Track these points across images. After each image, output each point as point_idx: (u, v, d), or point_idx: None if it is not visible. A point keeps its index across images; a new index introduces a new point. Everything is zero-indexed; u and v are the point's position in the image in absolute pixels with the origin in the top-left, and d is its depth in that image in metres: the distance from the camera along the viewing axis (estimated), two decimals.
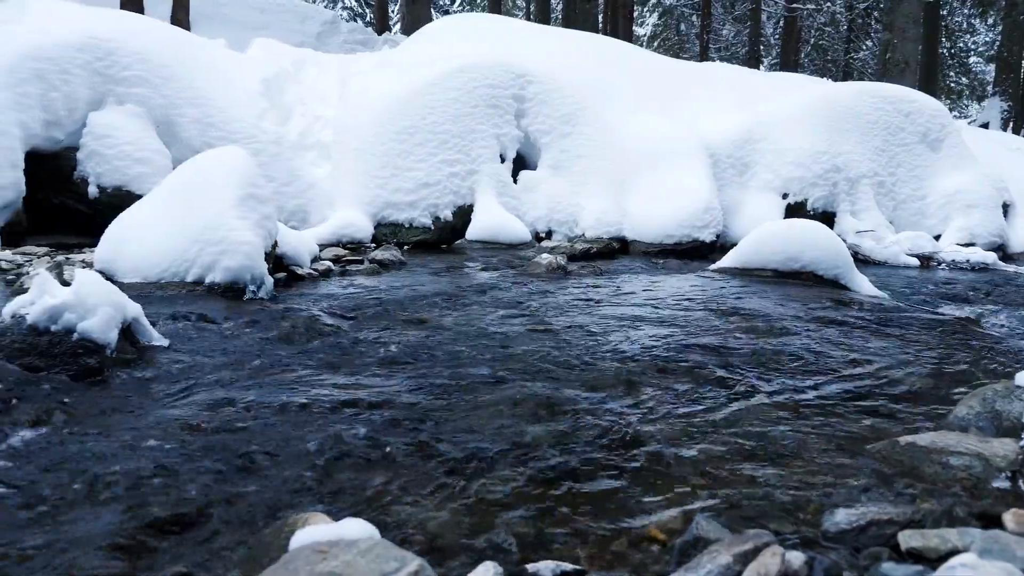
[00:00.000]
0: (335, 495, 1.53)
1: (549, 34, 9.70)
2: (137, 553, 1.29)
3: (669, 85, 8.68)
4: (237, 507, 1.49)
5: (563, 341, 2.93)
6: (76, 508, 1.49)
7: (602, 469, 1.74)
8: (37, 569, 1.23)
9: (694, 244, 6.53)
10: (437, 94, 7.16)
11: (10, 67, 5.99)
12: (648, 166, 7.05)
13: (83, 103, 6.31)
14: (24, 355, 2.40)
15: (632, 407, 2.18)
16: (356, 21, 28.16)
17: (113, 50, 6.53)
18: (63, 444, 1.81)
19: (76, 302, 2.49)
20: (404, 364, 2.57)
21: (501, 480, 1.62)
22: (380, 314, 3.43)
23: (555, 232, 6.97)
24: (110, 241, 4.01)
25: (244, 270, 3.74)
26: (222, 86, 7.20)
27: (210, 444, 1.82)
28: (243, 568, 1.22)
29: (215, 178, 4.01)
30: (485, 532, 1.39)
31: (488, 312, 3.49)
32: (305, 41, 15.51)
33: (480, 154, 6.98)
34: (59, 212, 6.34)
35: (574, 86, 7.72)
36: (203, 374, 2.42)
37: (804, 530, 1.42)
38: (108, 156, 6.16)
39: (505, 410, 2.07)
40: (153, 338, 2.73)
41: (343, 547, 0.98)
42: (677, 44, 29.67)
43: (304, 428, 1.92)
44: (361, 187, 6.76)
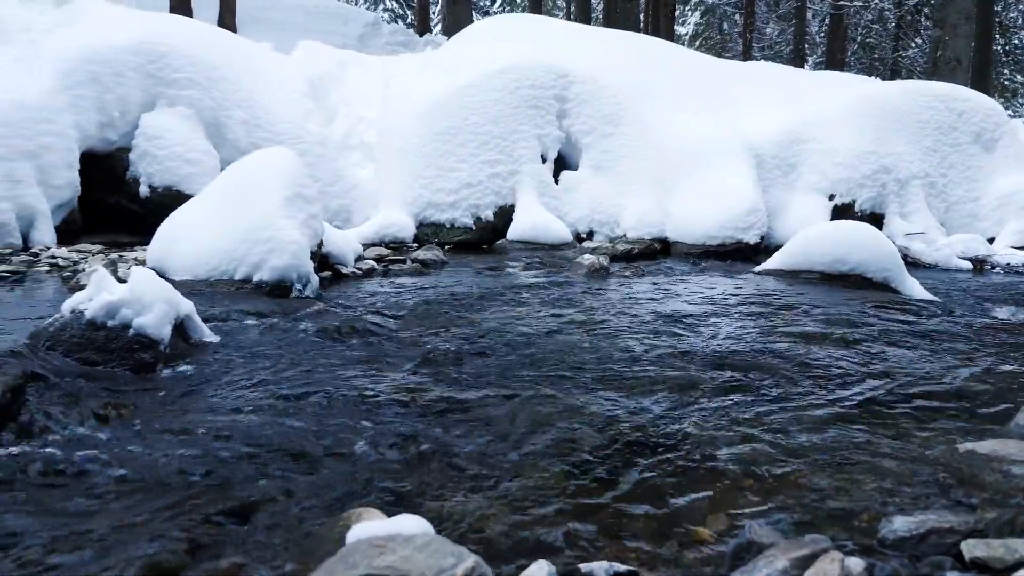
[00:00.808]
0: (385, 491, 1.55)
1: (590, 34, 9.67)
2: (195, 544, 1.32)
3: (712, 84, 8.58)
4: (290, 501, 1.51)
5: (608, 342, 2.92)
6: (135, 499, 1.53)
7: (650, 470, 1.73)
8: (99, 558, 1.27)
9: (737, 245, 6.44)
10: (479, 95, 7.20)
11: (67, 70, 6.18)
12: (691, 166, 6.98)
13: (136, 105, 6.49)
14: (83, 350, 2.47)
15: (679, 409, 2.16)
16: (397, 23, 28.41)
17: (165, 53, 6.70)
18: (121, 437, 1.86)
19: (132, 299, 2.56)
20: (449, 363, 2.58)
21: (549, 479, 1.61)
22: (424, 313, 3.46)
23: (596, 233, 6.95)
24: (162, 240, 4.11)
25: (291, 269, 3.80)
26: (269, 88, 7.34)
27: (263, 439, 1.85)
28: (298, 561, 1.24)
29: (263, 178, 4.08)
30: (534, 530, 1.39)
31: (531, 312, 3.49)
32: (347, 43, 15.70)
33: (522, 154, 6.99)
34: (112, 211, 6.53)
35: (616, 86, 7.69)
36: (253, 370, 2.47)
37: (860, 537, 1.40)
38: (159, 157, 6.33)
39: (551, 410, 2.07)
40: (205, 334, 2.79)
41: (400, 542, 0.99)
42: (719, 43, 29.32)
43: (354, 424, 1.95)
44: (404, 187, 6.83)
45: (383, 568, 0.92)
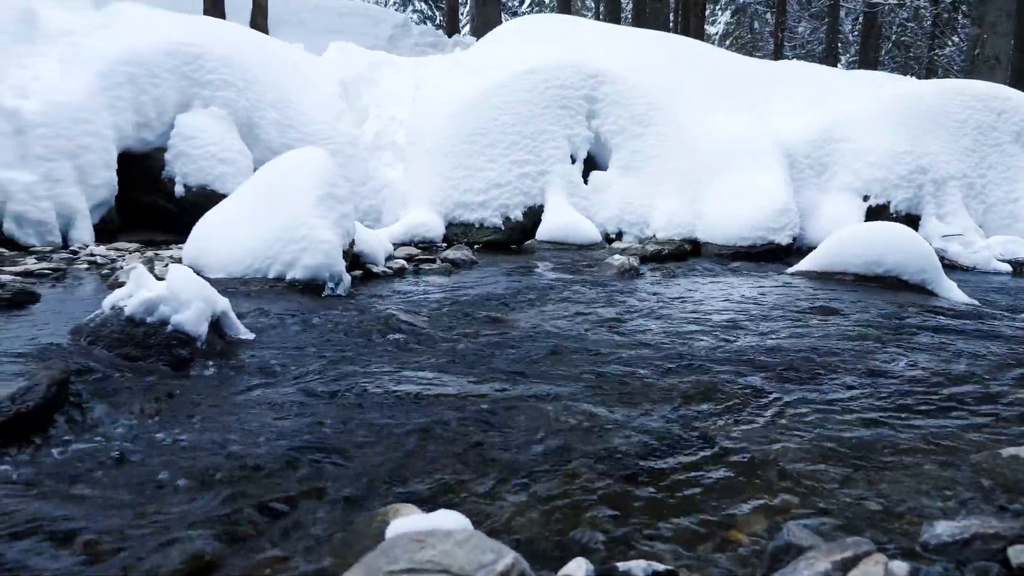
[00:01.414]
0: (420, 487, 1.56)
1: (620, 34, 9.63)
2: (234, 536, 1.34)
3: (743, 84, 8.50)
4: (326, 495, 1.53)
5: (639, 342, 2.90)
6: (177, 491, 1.55)
7: (684, 470, 1.72)
8: (142, 548, 1.29)
9: (769, 247, 6.37)
10: (508, 95, 7.21)
11: (105, 72, 6.30)
12: (722, 167, 6.92)
13: (171, 106, 6.59)
14: (122, 345, 2.52)
15: (713, 410, 2.14)
16: (426, 24, 28.54)
17: (200, 55, 6.80)
18: (162, 431, 1.90)
19: (170, 296, 2.60)
20: (480, 362, 2.59)
21: (582, 478, 1.61)
22: (455, 312, 3.47)
23: (625, 233, 6.92)
24: (197, 238, 4.17)
25: (323, 268, 3.84)
26: (301, 89, 7.42)
27: (299, 434, 1.87)
28: (336, 555, 1.25)
29: (296, 178, 4.13)
30: (570, 528, 1.39)
31: (562, 312, 3.49)
32: (377, 44, 15.81)
33: (551, 155, 6.98)
34: (148, 210, 6.63)
35: (646, 86, 7.65)
36: (288, 367, 2.50)
37: (901, 541, 1.38)
38: (194, 156, 6.42)
39: (583, 409, 2.07)
40: (240, 332, 2.82)
41: (439, 537, 1.00)
42: (750, 42, 29.04)
43: (387, 421, 1.96)
44: (433, 187, 6.86)
45: (424, 563, 0.92)
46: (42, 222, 5.51)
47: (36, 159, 5.62)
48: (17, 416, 1.83)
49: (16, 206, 5.42)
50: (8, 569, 1.24)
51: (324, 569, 1.21)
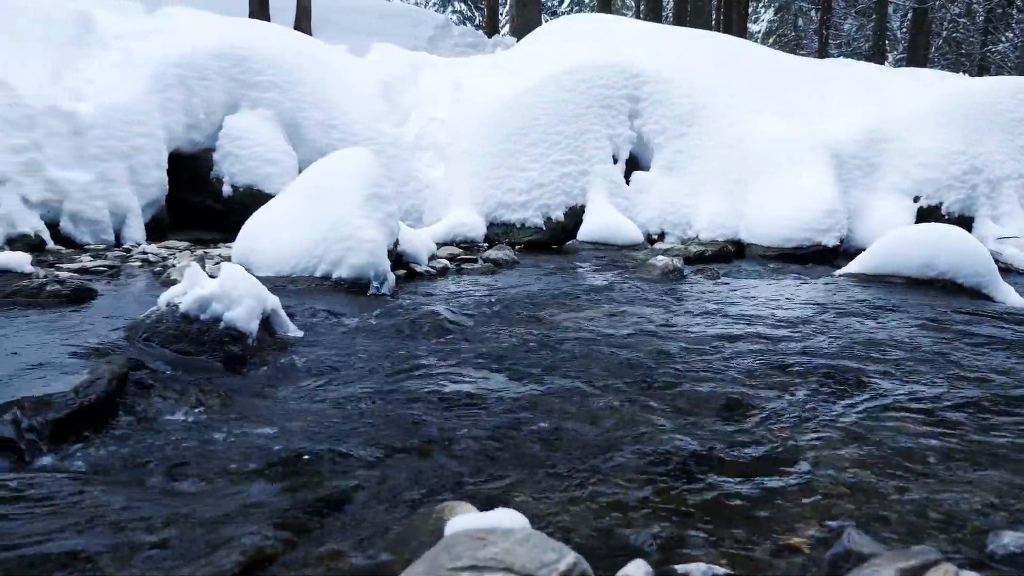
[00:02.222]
0: (472, 485, 1.57)
1: (662, 32, 9.55)
2: (293, 529, 1.36)
3: (789, 83, 8.36)
4: (380, 492, 1.55)
5: (686, 344, 2.88)
6: (235, 484, 1.58)
7: (735, 474, 1.70)
8: (204, 540, 1.32)
9: (815, 248, 6.26)
10: (550, 95, 7.20)
11: (157, 74, 6.46)
12: (766, 167, 6.82)
13: (220, 107, 6.73)
14: (177, 341, 2.58)
15: (764, 414, 2.11)
16: (465, 24, 28.66)
17: (247, 57, 6.93)
18: (218, 425, 1.94)
19: (223, 293, 2.65)
20: (527, 362, 2.59)
21: (635, 480, 1.60)
22: (499, 312, 3.48)
23: (668, 234, 6.87)
24: (246, 238, 4.25)
25: (368, 267, 3.88)
26: (344, 90, 7.51)
27: (350, 431, 1.90)
28: (393, 550, 1.27)
29: (342, 178, 4.18)
30: (623, 530, 1.38)
31: (607, 313, 3.47)
32: (418, 45, 15.93)
33: (593, 155, 6.96)
34: (196, 209, 6.78)
35: (689, 85, 7.57)
36: (337, 365, 2.53)
37: (966, 550, 1.34)
38: (241, 157, 6.55)
39: (634, 412, 2.05)
40: (289, 329, 2.87)
41: (500, 535, 1.00)
42: (794, 40, 28.57)
43: (437, 420, 1.97)
44: (474, 187, 6.88)
45: (487, 560, 0.93)
46: (96, 221, 5.67)
47: (91, 159, 5.79)
48: (80, 409, 1.89)
49: (72, 205, 5.59)
50: (75, 556, 1.27)
51: (381, 564, 1.22)
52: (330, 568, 1.21)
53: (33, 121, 5.58)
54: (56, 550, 1.28)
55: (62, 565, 1.24)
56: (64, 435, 1.83)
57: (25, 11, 6.55)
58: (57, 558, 1.26)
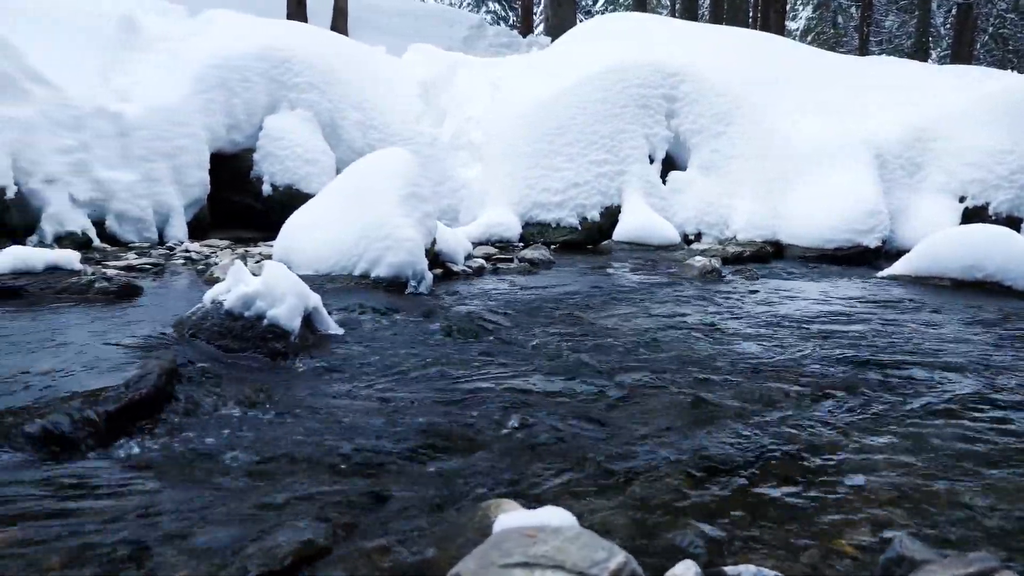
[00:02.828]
0: (517, 484, 1.57)
1: (698, 31, 9.47)
2: (339, 524, 1.38)
3: (828, 81, 8.23)
4: (425, 488, 1.56)
5: (728, 345, 2.85)
6: (282, 478, 1.61)
7: (783, 478, 1.68)
8: (255, 533, 1.34)
9: (856, 249, 6.15)
10: (586, 94, 7.18)
11: (199, 76, 6.58)
12: (806, 166, 6.72)
13: (260, 108, 6.84)
14: (221, 337, 2.63)
15: (808, 416, 2.08)
16: (499, 24, 28.72)
17: (287, 59, 7.03)
18: (263, 420, 1.97)
19: (266, 291, 2.69)
20: (566, 361, 2.59)
21: (679, 480, 1.59)
22: (537, 312, 3.48)
23: (704, 234, 6.81)
24: (286, 236, 4.31)
25: (406, 266, 3.91)
26: (382, 90, 7.58)
27: (393, 428, 1.91)
28: (439, 546, 1.28)
29: (381, 178, 4.22)
30: (669, 530, 1.37)
31: (645, 313, 3.45)
32: (453, 46, 16.00)
33: (629, 154, 6.93)
34: (236, 208, 6.90)
35: (726, 84, 7.50)
36: (377, 362, 2.55)
37: (1021, 559, 1.31)
38: (281, 157, 6.65)
39: (676, 412, 2.04)
40: (330, 327, 2.90)
41: (550, 533, 1.00)
42: (833, 38, 28.09)
43: (480, 418, 1.98)
44: (510, 187, 6.90)
45: (538, 557, 0.93)
46: (141, 219, 5.80)
47: (136, 160, 5.92)
48: (131, 403, 1.93)
49: (118, 204, 5.72)
50: (130, 544, 1.30)
51: (428, 560, 1.23)
52: (378, 563, 1.22)
53: (81, 122, 5.72)
54: (111, 539, 1.32)
55: (117, 553, 1.27)
56: (116, 428, 1.87)
57: (73, 14, 6.73)
58: (112, 546, 1.29)
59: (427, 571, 1.20)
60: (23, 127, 5.27)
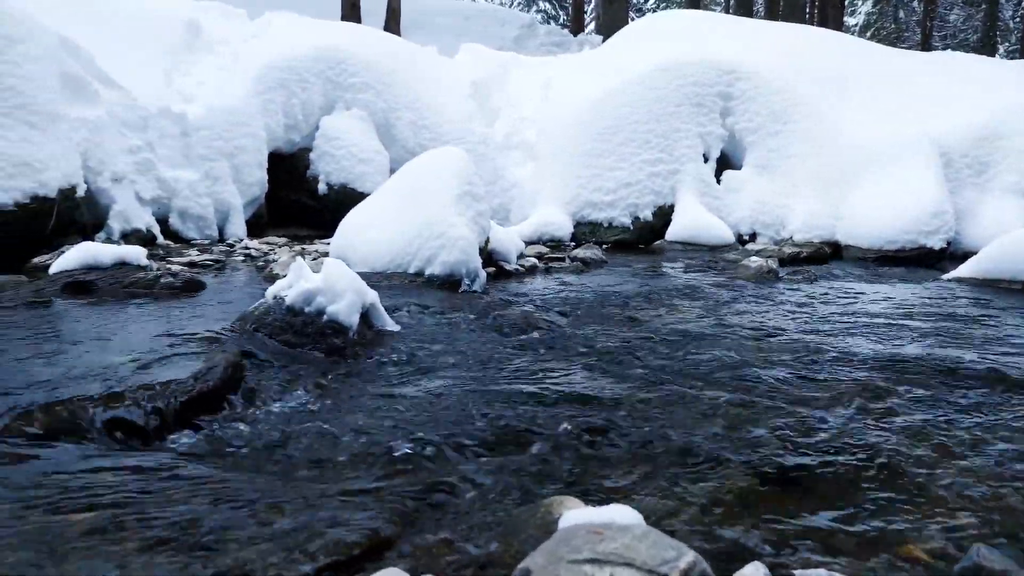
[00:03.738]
0: (577, 482, 1.57)
1: (754, 28, 9.30)
2: (402, 517, 1.39)
3: (890, 77, 8.00)
4: (485, 483, 1.57)
5: (787, 346, 2.79)
6: (345, 471, 1.64)
7: (850, 481, 1.64)
8: (321, 523, 1.37)
9: (919, 251, 5.96)
10: (640, 93, 7.13)
11: (258, 77, 6.75)
12: (866, 165, 6.55)
13: (317, 108, 6.98)
14: (282, 332, 2.68)
15: (872, 421, 2.03)
16: (550, 23, 28.68)
17: (343, 59, 7.15)
18: (324, 413, 2.01)
19: (326, 287, 2.74)
20: (623, 361, 2.57)
21: (743, 481, 1.57)
22: (591, 311, 3.47)
23: (760, 235, 6.69)
24: (343, 234, 4.38)
25: (460, 264, 3.94)
26: (434, 90, 7.65)
27: (451, 423, 1.93)
28: (502, 541, 1.28)
29: (435, 177, 4.26)
30: (734, 531, 1.35)
31: (701, 314, 3.41)
32: (504, 45, 16.06)
33: (683, 154, 6.85)
34: (292, 206, 7.05)
35: (784, 82, 7.35)
36: (434, 359, 2.58)
37: None
38: (336, 156, 6.77)
39: (735, 412, 2.01)
40: (387, 323, 2.94)
41: (617, 530, 1.00)
42: (894, 33, 27.29)
43: (537, 416, 1.98)
44: (562, 186, 6.89)
45: (607, 554, 0.93)
46: (202, 217, 5.97)
47: (199, 159, 6.10)
48: (199, 394, 1.99)
49: (181, 202, 5.90)
50: (200, 531, 1.34)
51: (492, 554, 1.24)
52: (442, 556, 1.24)
53: (147, 123, 5.91)
54: (183, 526, 1.35)
55: (190, 539, 1.30)
56: (185, 418, 1.93)
57: (139, 18, 6.96)
58: (185, 533, 1.32)
59: (491, 565, 1.21)
60: (92, 127, 5.47)
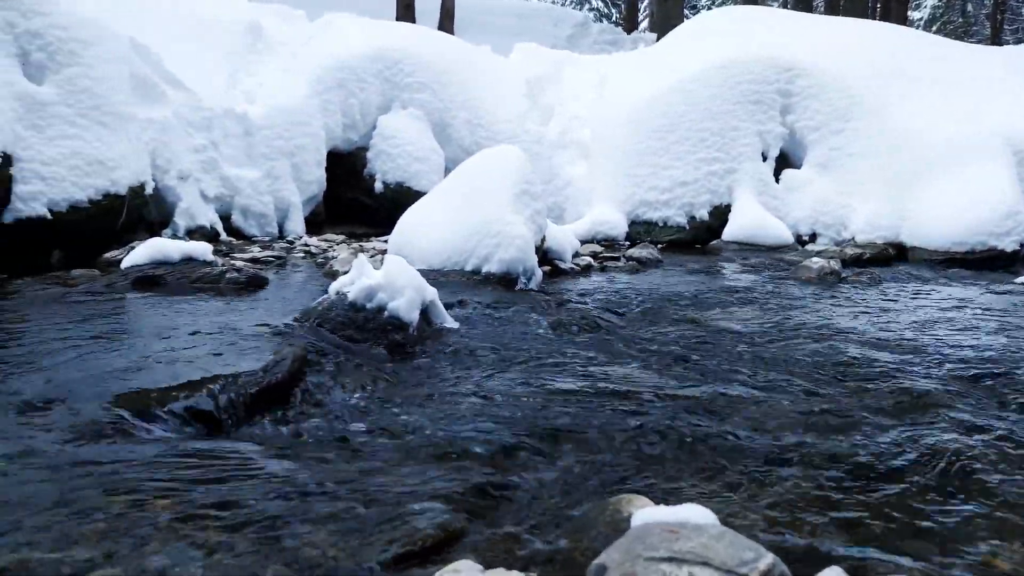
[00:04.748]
0: (642, 480, 1.56)
1: (815, 23, 9.08)
2: (471, 511, 1.40)
3: (959, 73, 7.71)
4: (550, 480, 1.57)
5: (855, 351, 2.73)
6: (411, 464, 1.66)
7: (928, 487, 1.59)
8: (390, 514, 1.39)
9: (990, 253, 5.74)
10: (696, 91, 7.03)
11: (318, 77, 6.87)
12: (934, 164, 6.33)
13: (374, 108, 7.08)
14: (344, 328, 2.73)
15: (952, 426, 1.96)
16: (602, 21, 28.49)
17: (400, 59, 7.24)
18: (388, 407, 2.04)
19: (387, 284, 2.78)
20: (683, 361, 2.55)
21: (816, 485, 1.54)
22: (647, 310, 3.44)
23: (820, 235, 6.53)
24: (401, 232, 4.44)
25: (517, 262, 3.95)
26: (489, 89, 7.68)
27: (511, 420, 1.94)
28: (570, 537, 1.28)
29: (493, 175, 4.28)
30: (811, 536, 1.33)
31: (761, 315, 3.35)
32: (557, 43, 16.00)
33: (740, 152, 6.73)
34: (349, 205, 7.17)
35: (846, 78, 7.16)
36: (493, 356, 2.59)
37: None
38: (393, 155, 6.86)
39: (804, 416, 1.97)
40: (446, 320, 2.97)
41: (692, 530, 0.99)
42: (961, 27, 26.35)
43: (597, 414, 1.98)
44: (616, 185, 6.85)
45: (684, 553, 0.92)
46: (263, 215, 6.12)
47: (260, 158, 6.24)
48: (268, 386, 2.04)
49: (243, 200, 6.05)
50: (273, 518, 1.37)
51: (561, 550, 1.24)
52: (512, 550, 1.24)
53: (211, 123, 6.08)
54: (258, 512, 1.39)
55: (265, 525, 1.34)
56: (254, 409, 1.98)
57: (204, 21, 7.15)
58: (259, 519, 1.36)
59: (561, 561, 1.21)
60: (160, 128, 5.64)
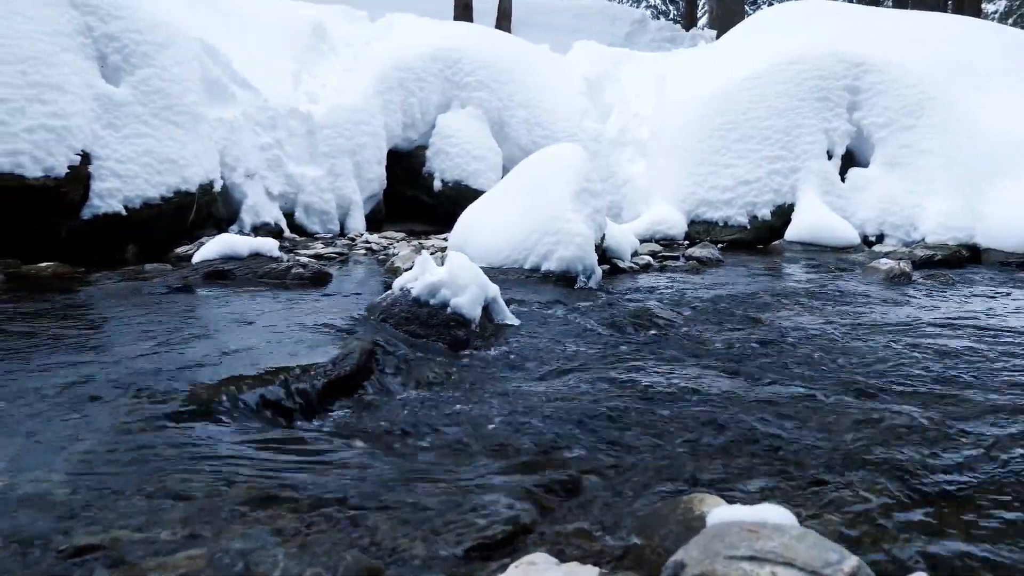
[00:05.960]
0: (712, 480, 1.54)
1: (884, 17, 8.80)
2: (539, 506, 1.41)
3: None
4: (616, 477, 1.56)
5: (931, 356, 2.64)
6: (473, 459, 1.67)
7: (1007, 501, 1.53)
8: (459, 508, 1.41)
9: None
10: (760, 88, 6.90)
11: (379, 77, 6.98)
12: (1011, 162, 6.07)
13: (433, 107, 7.16)
14: (408, 323, 2.77)
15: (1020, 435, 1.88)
16: (660, 19, 28.18)
17: (459, 59, 7.30)
18: (452, 402, 2.06)
19: (450, 280, 2.81)
20: (750, 362, 2.51)
21: (892, 491, 1.50)
22: (711, 311, 3.39)
23: (887, 236, 6.34)
24: (461, 229, 4.48)
25: (576, 260, 3.94)
26: (547, 88, 7.68)
27: (574, 418, 1.94)
28: (641, 535, 1.27)
29: (554, 173, 4.28)
30: (889, 542, 1.29)
31: (829, 317, 3.27)
32: (615, 41, 15.90)
33: (805, 150, 6.58)
34: (408, 202, 7.26)
35: (918, 73, 6.92)
36: (555, 353, 2.59)
37: None
38: (451, 154, 6.92)
39: (877, 420, 1.92)
40: (507, 317, 2.98)
41: (772, 530, 0.97)
42: None
43: (662, 412, 1.96)
44: (676, 184, 6.77)
45: (766, 552, 0.91)
46: (325, 212, 6.25)
47: (322, 156, 6.38)
48: (337, 379, 2.09)
49: (305, 197, 6.19)
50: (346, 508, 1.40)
51: (633, 547, 1.24)
52: (583, 546, 1.24)
53: (276, 122, 6.24)
54: (331, 501, 1.42)
55: (338, 514, 1.37)
56: (323, 401, 2.03)
57: (270, 23, 7.34)
58: (333, 508, 1.39)
59: (634, 557, 1.20)
60: (229, 127, 5.82)
